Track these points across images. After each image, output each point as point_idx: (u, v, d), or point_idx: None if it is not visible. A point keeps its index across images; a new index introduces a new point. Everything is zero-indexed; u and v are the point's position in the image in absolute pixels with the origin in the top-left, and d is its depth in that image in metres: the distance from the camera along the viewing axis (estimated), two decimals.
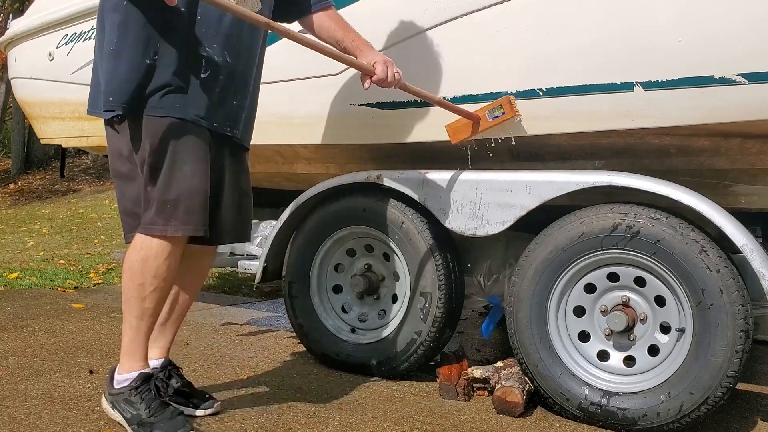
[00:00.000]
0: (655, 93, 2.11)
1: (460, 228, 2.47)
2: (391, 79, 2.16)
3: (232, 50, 2.03)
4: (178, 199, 1.94)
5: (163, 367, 2.17)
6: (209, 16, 1.98)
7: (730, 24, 1.98)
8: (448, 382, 2.44)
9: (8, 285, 4.71)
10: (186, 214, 1.94)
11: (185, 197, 1.94)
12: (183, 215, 1.94)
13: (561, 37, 2.23)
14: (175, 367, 2.21)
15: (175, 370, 2.20)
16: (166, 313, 2.18)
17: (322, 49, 2.10)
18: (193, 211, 1.95)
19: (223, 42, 2.01)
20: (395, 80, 2.18)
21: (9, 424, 2.00)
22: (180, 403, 2.13)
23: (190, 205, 1.95)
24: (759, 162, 2.21)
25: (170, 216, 1.94)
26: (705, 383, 2.04)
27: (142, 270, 1.96)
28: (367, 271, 2.77)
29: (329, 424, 2.14)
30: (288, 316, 2.90)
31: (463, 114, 2.39)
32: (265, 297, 4.62)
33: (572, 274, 2.29)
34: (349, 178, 2.71)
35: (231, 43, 2.03)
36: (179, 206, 1.94)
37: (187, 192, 1.94)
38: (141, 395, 1.96)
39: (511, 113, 2.34)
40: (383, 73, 2.15)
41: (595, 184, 2.24)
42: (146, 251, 1.96)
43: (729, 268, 2.06)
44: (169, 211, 1.94)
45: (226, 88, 2.04)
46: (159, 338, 2.21)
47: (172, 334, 2.26)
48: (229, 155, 2.15)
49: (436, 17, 2.42)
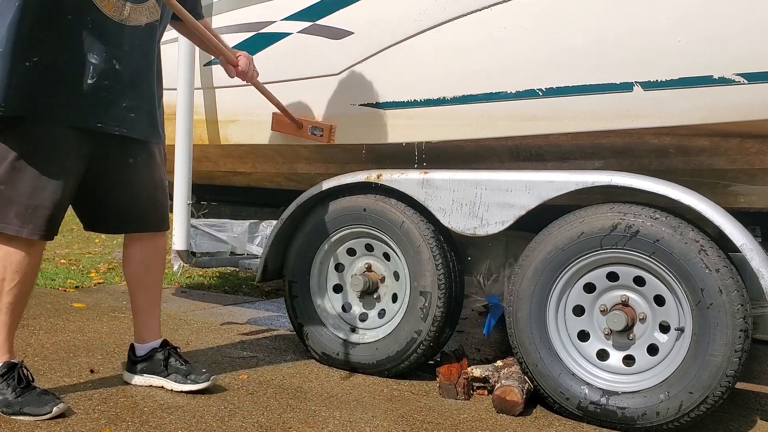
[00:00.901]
0: (655, 93, 2.11)
1: (460, 227, 2.48)
2: (250, 73, 2.48)
3: (123, 57, 2.14)
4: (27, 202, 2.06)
5: (162, 346, 2.42)
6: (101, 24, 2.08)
7: (729, 24, 1.99)
8: (447, 381, 2.44)
9: None
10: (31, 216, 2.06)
11: (34, 200, 2.06)
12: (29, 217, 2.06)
13: (561, 37, 2.23)
14: (173, 347, 2.44)
15: (174, 350, 2.43)
16: (143, 297, 2.45)
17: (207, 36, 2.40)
18: (39, 214, 2.07)
19: (113, 50, 2.12)
20: (253, 75, 2.49)
21: (10, 424, 2.01)
22: (179, 381, 2.34)
23: (35, 209, 2.06)
24: (758, 162, 2.21)
25: (15, 215, 2.06)
26: (704, 382, 2.05)
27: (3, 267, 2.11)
28: (368, 270, 2.77)
29: (329, 423, 2.14)
30: (288, 315, 2.91)
31: (290, 118, 2.74)
32: (266, 296, 4.62)
33: (572, 274, 2.29)
34: (349, 178, 2.72)
35: (122, 51, 2.14)
36: (26, 208, 2.06)
37: (37, 195, 2.06)
38: (6, 382, 2.10)
39: (328, 139, 2.71)
40: (245, 66, 2.46)
41: (594, 184, 2.24)
42: (5, 250, 2.10)
43: (728, 267, 2.06)
44: (15, 211, 2.06)
45: (115, 92, 2.14)
46: (148, 321, 2.46)
47: (157, 313, 2.49)
48: (129, 151, 2.28)
49: (436, 17, 2.42)
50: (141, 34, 2.18)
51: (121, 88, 2.16)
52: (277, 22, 2.78)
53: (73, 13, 2.04)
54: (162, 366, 2.39)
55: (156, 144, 2.38)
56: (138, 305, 2.46)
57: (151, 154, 2.35)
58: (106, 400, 2.25)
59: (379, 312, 2.76)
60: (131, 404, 2.22)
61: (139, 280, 2.44)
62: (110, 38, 2.10)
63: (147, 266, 2.43)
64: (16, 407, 2.06)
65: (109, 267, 5.54)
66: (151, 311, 2.47)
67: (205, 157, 3.25)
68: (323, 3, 2.64)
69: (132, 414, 2.13)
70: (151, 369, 2.40)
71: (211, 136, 3.08)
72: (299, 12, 2.72)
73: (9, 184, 2.05)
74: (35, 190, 2.06)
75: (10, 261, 2.10)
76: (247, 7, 2.84)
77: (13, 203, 2.06)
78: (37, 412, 2.05)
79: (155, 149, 2.38)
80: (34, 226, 2.07)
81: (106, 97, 2.13)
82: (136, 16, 2.14)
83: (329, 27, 2.65)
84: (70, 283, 4.64)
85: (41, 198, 2.07)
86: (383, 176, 2.64)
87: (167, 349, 2.42)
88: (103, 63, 2.10)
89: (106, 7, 2.07)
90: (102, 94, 2.12)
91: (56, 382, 2.42)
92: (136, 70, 2.19)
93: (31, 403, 2.06)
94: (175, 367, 2.38)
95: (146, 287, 2.45)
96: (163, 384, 2.37)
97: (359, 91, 2.62)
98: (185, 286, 4.93)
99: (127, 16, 2.12)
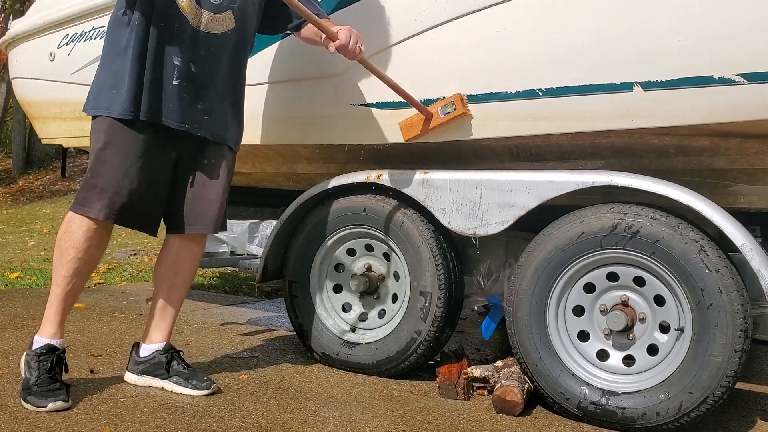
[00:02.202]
0: (655, 93, 2.11)
1: (460, 228, 2.48)
2: (352, 47, 2.28)
3: (198, 61, 2.29)
4: (104, 187, 2.21)
5: (165, 350, 2.43)
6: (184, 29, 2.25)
7: (729, 24, 1.99)
8: (447, 382, 2.44)
9: (9, 285, 4.72)
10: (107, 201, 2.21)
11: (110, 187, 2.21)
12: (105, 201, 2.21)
13: (561, 37, 2.23)
14: (176, 351, 2.46)
15: (177, 354, 2.45)
16: (164, 297, 2.46)
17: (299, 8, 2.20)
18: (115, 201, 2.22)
19: (190, 54, 2.27)
20: (356, 50, 2.30)
21: (10, 424, 2.01)
22: (180, 383, 2.36)
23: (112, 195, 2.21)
24: (758, 162, 2.21)
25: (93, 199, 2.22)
26: (704, 383, 2.05)
27: (63, 239, 2.26)
28: (368, 270, 2.77)
29: (329, 423, 2.14)
30: (288, 315, 2.91)
31: (418, 107, 2.45)
32: (266, 296, 4.62)
33: (572, 274, 2.29)
34: (349, 178, 2.72)
35: (198, 56, 2.28)
36: (104, 193, 2.21)
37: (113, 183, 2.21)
38: (39, 364, 2.20)
39: (462, 109, 2.39)
40: (346, 39, 2.27)
41: (594, 184, 2.24)
42: (69, 224, 2.26)
43: (728, 267, 2.06)
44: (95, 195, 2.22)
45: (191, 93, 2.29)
46: (160, 322, 2.46)
47: (172, 317, 2.48)
48: (203, 152, 2.39)
49: (437, 18, 2.42)
50: (218, 41, 2.32)
51: (199, 91, 2.31)
52: None
53: (165, 20, 2.23)
54: (164, 369, 2.40)
55: (228, 147, 2.46)
56: (157, 304, 2.47)
57: (224, 157, 2.44)
58: (106, 400, 2.25)
59: (379, 312, 2.76)
60: (131, 404, 2.22)
61: (167, 280, 2.46)
62: (192, 43, 2.27)
63: (179, 267, 2.47)
64: (25, 393, 2.15)
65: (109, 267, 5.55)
66: (168, 313, 2.48)
67: None
68: (323, 3, 2.64)
69: (132, 414, 2.13)
70: (153, 370, 2.41)
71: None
72: None
73: (94, 172, 2.24)
74: (113, 179, 2.22)
75: (71, 236, 2.24)
76: None
77: (94, 188, 2.22)
78: (37, 404, 2.12)
79: (227, 153, 2.46)
80: (108, 210, 2.21)
81: (187, 98, 2.28)
82: (213, 25, 2.31)
83: None
84: None
85: (118, 186, 2.22)
86: (383, 176, 2.64)
87: (170, 352, 2.43)
88: (184, 66, 2.26)
89: (190, 15, 2.26)
90: (183, 95, 2.27)
91: None
92: (211, 74, 2.33)
93: (38, 394, 2.14)
94: (176, 370, 2.40)
95: (171, 288, 2.47)
96: (163, 386, 2.38)
97: (359, 91, 2.62)
98: None
99: (206, 24, 2.29)
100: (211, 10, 2.28)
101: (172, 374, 2.39)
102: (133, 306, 3.97)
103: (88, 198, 2.22)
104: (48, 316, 2.28)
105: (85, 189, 2.23)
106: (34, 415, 2.08)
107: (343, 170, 2.80)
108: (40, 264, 5.65)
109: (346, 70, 2.61)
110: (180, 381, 2.36)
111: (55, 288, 2.27)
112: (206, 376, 2.40)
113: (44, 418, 2.06)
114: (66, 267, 2.24)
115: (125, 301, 4.12)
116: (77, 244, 2.23)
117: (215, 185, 2.41)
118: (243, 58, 2.47)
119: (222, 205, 2.43)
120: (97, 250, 2.28)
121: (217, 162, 2.41)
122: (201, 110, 2.33)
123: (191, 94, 2.29)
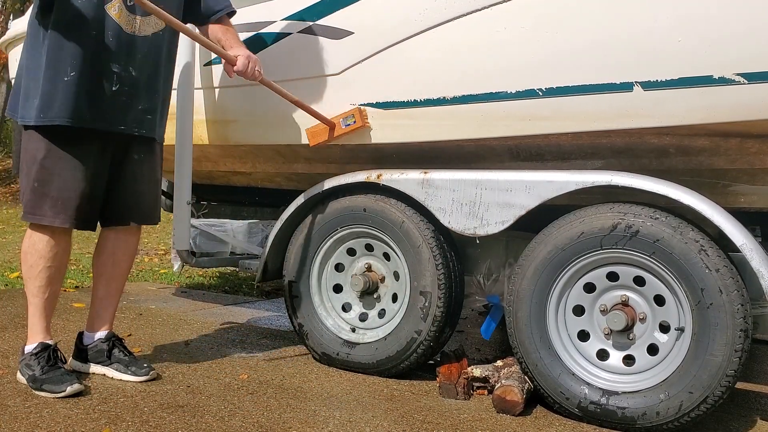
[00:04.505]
0: (655, 93, 2.11)
1: (460, 227, 2.48)
2: (250, 71, 2.50)
3: (137, 65, 2.39)
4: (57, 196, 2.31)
5: (107, 338, 2.54)
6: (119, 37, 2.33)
7: (730, 24, 1.99)
8: (448, 381, 2.44)
9: (9, 284, 4.72)
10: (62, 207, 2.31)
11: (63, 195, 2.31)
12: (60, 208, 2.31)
13: (561, 37, 2.23)
14: (118, 339, 2.57)
15: (119, 341, 2.56)
16: (104, 288, 2.57)
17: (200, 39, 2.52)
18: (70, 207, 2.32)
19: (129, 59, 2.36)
20: (255, 74, 2.52)
21: (10, 424, 2.01)
22: (120, 370, 2.47)
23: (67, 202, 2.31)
24: (758, 162, 2.21)
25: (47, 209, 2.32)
26: (704, 382, 2.05)
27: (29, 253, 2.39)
28: (368, 270, 2.78)
29: (329, 423, 2.14)
30: (288, 315, 2.91)
31: (320, 119, 2.66)
32: (266, 296, 4.62)
33: (572, 274, 2.29)
34: (349, 178, 2.72)
35: (136, 59, 2.38)
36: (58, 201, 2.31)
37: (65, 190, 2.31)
38: (38, 359, 2.34)
39: (361, 122, 2.60)
40: (243, 66, 2.49)
41: (594, 184, 2.24)
42: (31, 238, 2.38)
43: (728, 267, 2.06)
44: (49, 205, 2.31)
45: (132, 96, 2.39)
46: (102, 312, 2.58)
47: (114, 307, 2.61)
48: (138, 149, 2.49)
49: (436, 17, 2.42)
50: (149, 42, 2.42)
51: (138, 93, 2.41)
52: (277, 22, 2.78)
53: (96, 29, 2.29)
54: (105, 355, 2.51)
55: (159, 143, 2.59)
56: (98, 294, 2.59)
57: (154, 151, 2.56)
58: (106, 400, 2.25)
59: (379, 312, 2.76)
60: (131, 404, 2.22)
61: (106, 272, 2.58)
62: (127, 48, 2.36)
63: (117, 259, 2.58)
64: (39, 383, 2.28)
65: None
66: (109, 304, 2.60)
67: (205, 157, 3.25)
68: (323, 3, 2.64)
69: (132, 414, 2.13)
70: (95, 358, 2.53)
71: (211, 136, 3.08)
72: (299, 12, 2.72)
73: (41, 181, 2.32)
74: (65, 186, 2.31)
75: (36, 249, 2.36)
76: (247, 7, 2.84)
77: (46, 198, 2.32)
78: (54, 390, 2.25)
79: (157, 147, 2.58)
80: (65, 216, 2.32)
81: (126, 101, 2.38)
82: (144, 27, 2.39)
83: (329, 27, 2.65)
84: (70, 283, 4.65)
85: (69, 191, 2.32)
86: (383, 176, 2.64)
87: (112, 340, 2.54)
88: (123, 71, 2.35)
89: (121, 22, 2.33)
90: (123, 99, 2.37)
91: None
92: (149, 75, 2.44)
93: (51, 381, 2.27)
94: (117, 357, 2.50)
95: (110, 280, 2.58)
96: (105, 372, 2.49)
97: (359, 91, 2.62)
98: (185, 286, 4.93)
99: (138, 27, 2.37)
100: (141, 14, 2.37)
101: (114, 361, 2.49)
102: (133, 306, 3.97)
103: (43, 209, 2.32)
104: (32, 325, 2.41)
105: (37, 199, 2.32)
106: (34, 415, 2.08)
107: (343, 170, 2.80)
108: None
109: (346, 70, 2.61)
110: (120, 368, 2.47)
111: (32, 299, 2.40)
112: (146, 364, 2.51)
113: (45, 418, 2.06)
114: (39, 277, 2.37)
115: (125, 301, 4.12)
116: (44, 254, 2.36)
117: (146, 179, 2.53)
118: (174, 54, 2.60)
119: (155, 198, 2.57)
120: (63, 254, 2.41)
121: (148, 156, 2.53)
122: (142, 111, 2.44)
123: (132, 97, 2.39)
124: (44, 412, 2.12)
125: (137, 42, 2.37)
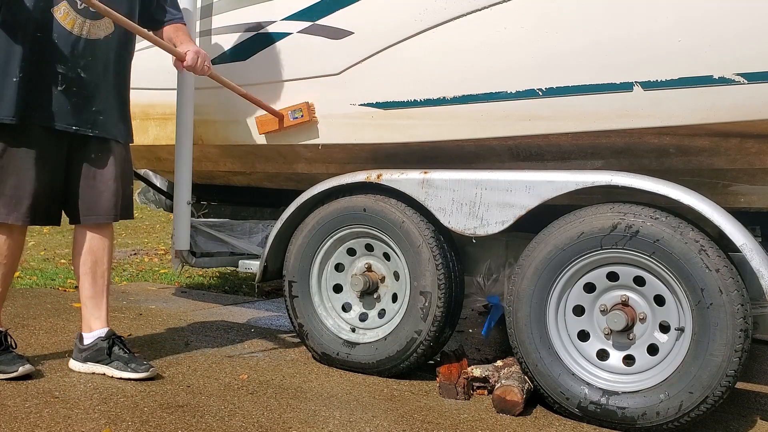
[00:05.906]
0: (655, 93, 2.11)
1: (460, 227, 2.48)
2: (200, 66, 2.60)
3: (87, 66, 2.44)
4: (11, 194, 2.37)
5: (107, 336, 2.55)
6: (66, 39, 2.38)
7: (730, 24, 1.99)
8: (447, 381, 2.44)
9: None
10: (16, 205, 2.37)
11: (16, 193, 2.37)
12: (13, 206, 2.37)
13: (561, 37, 2.23)
14: (117, 337, 2.58)
15: (118, 339, 2.57)
16: (90, 287, 2.59)
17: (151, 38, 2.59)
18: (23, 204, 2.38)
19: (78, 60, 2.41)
20: (204, 68, 2.62)
21: (10, 423, 2.01)
22: (120, 368, 2.48)
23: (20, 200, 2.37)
24: (758, 161, 2.21)
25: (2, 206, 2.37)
26: (704, 382, 2.05)
27: None
28: (367, 270, 2.78)
29: (329, 423, 2.14)
30: (288, 315, 2.91)
31: (268, 110, 2.78)
32: (266, 296, 4.62)
33: (572, 274, 2.29)
34: (349, 178, 2.72)
35: (86, 61, 2.43)
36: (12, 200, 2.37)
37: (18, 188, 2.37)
38: None
39: (308, 117, 2.71)
40: (192, 61, 2.58)
41: (594, 184, 2.24)
42: None
43: (728, 267, 2.06)
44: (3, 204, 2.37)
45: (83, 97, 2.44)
46: (95, 311, 2.60)
47: (105, 304, 2.62)
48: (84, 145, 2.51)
49: (436, 17, 2.42)
50: (101, 45, 2.47)
51: (89, 94, 2.46)
52: (277, 22, 2.78)
53: (42, 31, 2.35)
54: (106, 354, 2.51)
55: (118, 141, 2.60)
56: (86, 294, 2.60)
57: (110, 149, 2.57)
58: (106, 400, 2.25)
59: (379, 312, 2.76)
60: (131, 404, 2.22)
61: (88, 271, 2.59)
62: (75, 51, 2.41)
63: (96, 257, 2.60)
64: None
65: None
66: (100, 301, 2.61)
67: (205, 157, 3.25)
68: (323, 3, 2.64)
69: (132, 414, 2.13)
70: (95, 357, 2.53)
71: (211, 136, 3.09)
72: (299, 12, 2.72)
73: None
74: (18, 184, 2.37)
75: None
76: (247, 7, 2.85)
77: (1, 196, 2.37)
78: (7, 370, 2.38)
79: (115, 146, 2.59)
80: (18, 213, 2.39)
81: (77, 102, 2.43)
82: (95, 30, 2.45)
83: (329, 27, 2.65)
84: (70, 283, 4.64)
85: (23, 190, 2.38)
86: (383, 176, 2.64)
87: (112, 338, 2.54)
88: (70, 72, 2.40)
89: (68, 24, 2.38)
90: (73, 100, 2.42)
91: (56, 382, 2.42)
92: (99, 76, 2.48)
93: (3, 363, 2.40)
94: (117, 355, 2.51)
95: (95, 279, 2.60)
96: (105, 371, 2.50)
97: (359, 91, 2.63)
98: (185, 286, 4.93)
99: (87, 31, 2.42)
100: (90, 17, 2.42)
101: (113, 359, 2.50)
102: (133, 306, 3.97)
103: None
104: None
105: None
106: (34, 415, 2.08)
107: (343, 170, 2.80)
108: (40, 264, 5.65)
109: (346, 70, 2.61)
110: (120, 365, 2.48)
111: None
112: (146, 362, 2.52)
113: (45, 418, 2.06)
114: None
115: (125, 301, 4.12)
116: (1, 251, 2.44)
117: (104, 176, 2.55)
118: (128, 56, 2.64)
119: (115, 194, 2.57)
120: (17, 250, 2.50)
121: (104, 154, 2.55)
122: (96, 111, 2.49)
123: (83, 99, 2.44)
124: (44, 412, 2.12)
125: (86, 44, 2.42)
